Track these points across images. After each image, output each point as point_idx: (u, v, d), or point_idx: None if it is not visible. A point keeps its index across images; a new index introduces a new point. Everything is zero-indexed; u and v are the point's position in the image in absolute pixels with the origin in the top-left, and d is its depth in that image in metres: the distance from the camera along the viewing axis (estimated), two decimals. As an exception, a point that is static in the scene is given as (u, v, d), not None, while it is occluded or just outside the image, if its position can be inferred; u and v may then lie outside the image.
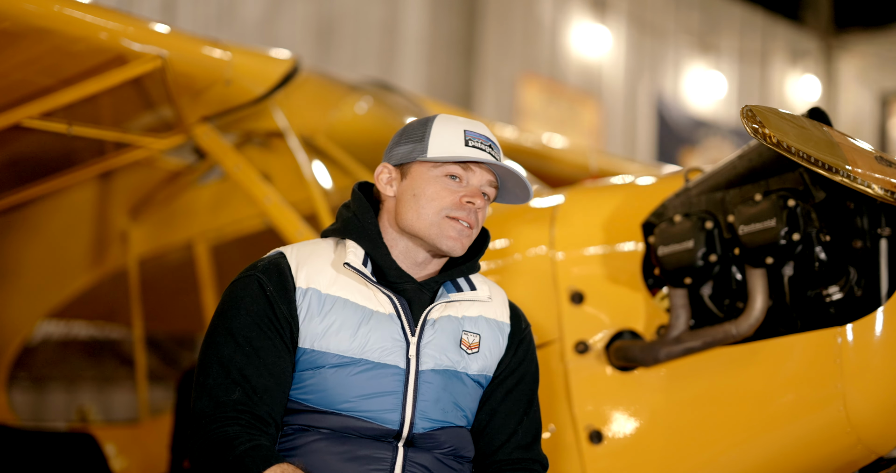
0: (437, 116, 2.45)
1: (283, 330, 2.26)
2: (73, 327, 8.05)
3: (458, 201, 2.35)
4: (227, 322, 2.27)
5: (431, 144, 2.37)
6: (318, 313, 2.27)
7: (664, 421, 3.04)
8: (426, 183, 2.36)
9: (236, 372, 2.22)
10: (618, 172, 5.69)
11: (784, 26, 18.68)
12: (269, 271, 2.31)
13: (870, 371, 2.76)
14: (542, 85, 13.81)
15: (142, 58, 3.70)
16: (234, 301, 2.30)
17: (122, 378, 8.15)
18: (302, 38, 10.56)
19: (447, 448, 2.34)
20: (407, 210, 2.37)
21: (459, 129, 2.39)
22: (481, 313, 2.44)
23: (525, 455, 2.44)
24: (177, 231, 5.51)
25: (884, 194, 2.48)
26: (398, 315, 2.32)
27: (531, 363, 2.51)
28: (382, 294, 2.33)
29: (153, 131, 4.36)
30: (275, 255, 2.36)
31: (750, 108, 2.52)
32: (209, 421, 2.19)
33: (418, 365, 2.31)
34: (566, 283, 3.18)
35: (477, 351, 2.40)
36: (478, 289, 2.45)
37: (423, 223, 2.35)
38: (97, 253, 5.61)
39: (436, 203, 2.35)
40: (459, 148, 2.36)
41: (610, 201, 3.30)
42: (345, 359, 2.26)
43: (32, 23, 3.35)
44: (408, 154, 2.39)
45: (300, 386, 2.28)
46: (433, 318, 2.36)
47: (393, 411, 2.27)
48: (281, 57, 4.33)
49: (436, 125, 2.40)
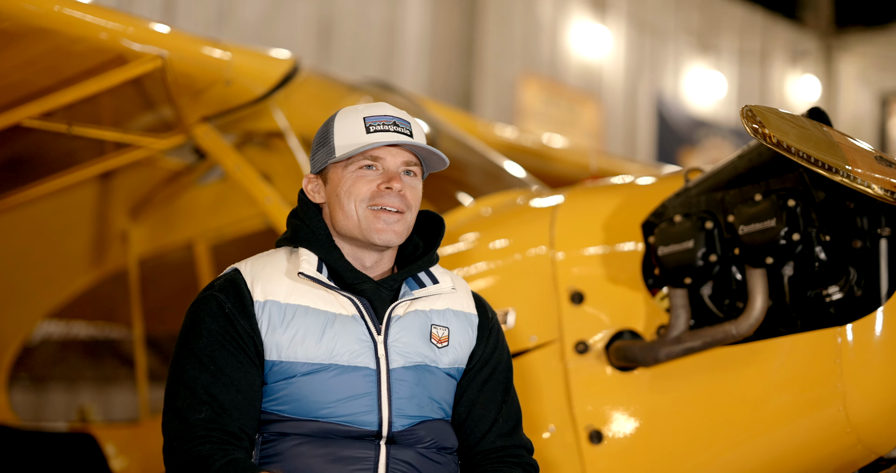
0: (337, 112, 2.44)
1: (245, 345, 2.27)
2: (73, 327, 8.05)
3: (376, 188, 2.35)
4: (190, 344, 2.29)
5: (337, 143, 2.38)
6: (280, 323, 2.28)
7: (664, 421, 3.04)
8: (342, 181, 2.37)
9: (202, 392, 2.23)
10: (618, 173, 5.69)
11: (784, 26, 18.67)
12: (225, 289, 2.33)
13: (870, 371, 2.76)
14: (542, 85, 13.81)
15: (142, 58, 3.70)
16: (194, 322, 2.31)
17: (122, 378, 8.15)
18: (302, 38, 10.56)
19: (428, 441, 2.34)
20: (336, 213, 2.39)
21: (358, 118, 2.38)
22: (448, 305, 2.44)
23: (508, 442, 2.45)
24: (177, 231, 5.51)
25: (884, 194, 2.48)
26: (361, 316, 2.32)
27: (503, 352, 2.52)
28: (343, 297, 2.33)
29: (153, 131, 4.36)
30: (230, 272, 2.38)
31: (750, 108, 2.52)
32: (181, 442, 2.21)
33: (388, 364, 2.31)
34: (566, 283, 3.18)
35: (447, 345, 2.40)
36: (440, 282, 2.45)
37: (352, 222, 2.36)
38: (97, 253, 5.61)
39: (354, 196, 2.35)
40: (362, 137, 2.35)
41: (610, 201, 3.29)
42: (314, 366, 2.27)
43: (32, 23, 3.35)
44: (322, 160, 2.41)
45: (273, 398, 2.29)
46: (398, 315, 2.36)
47: (369, 412, 2.28)
48: (281, 57, 4.33)
49: (336, 123, 2.40)
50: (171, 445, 2.22)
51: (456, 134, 5.19)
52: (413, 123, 2.43)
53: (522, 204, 3.72)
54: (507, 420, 2.46)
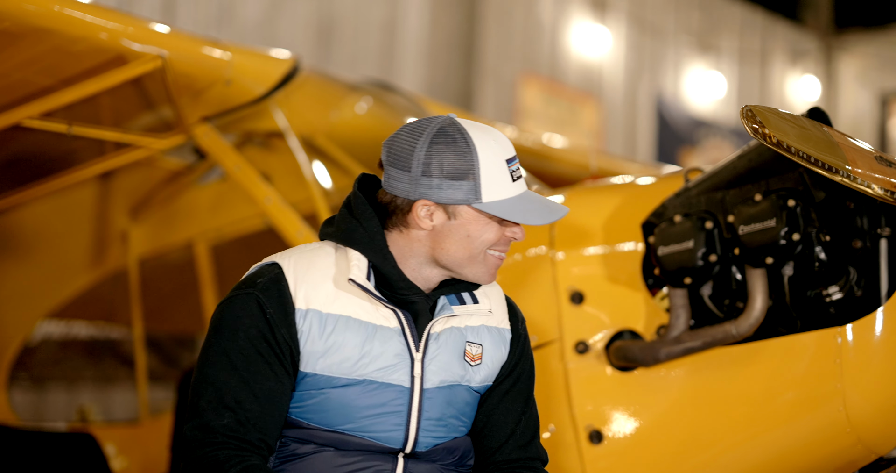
0: (475, 136, 2.24)
1: (282, 355, 2.20)
2: (73, 327, 8.06)
3: (504, 236, 2.29)
4: (224, 343, 2.20)
5: (483, 184, 2.23)
6: (319, 335, 2.21)
7: (664, 421, 3.04)
8: (476, 224, 2.27)
9: (229, 397, 2.16)
10: (618, 173, 5.68)
11: (784, 26, 18.68)
12: (268, 291, 2.22)
13: (870, 371, 2.76)
14: (542, 85, 13.81)
15: (142, 58, 3.70)
16: (231, 321, 2.22)
17: (122, 378, 8.15)
18: (302, 38, 10.56)
19: (449, 461, 2.32)
20: (450, 246, 2.27)
21: (501, 159, 2.25)
22: (484, 322, 2.38)
23: (524, 454, 2.41)
24: (177, 231, 5.51)
25: (884, 194, 2.48)
26: (402, 330, 2.26)
27: (527, 361, 2.47)
28: (387, 308, 2.26)
29: (153, 131, 4.36)
30: (272, 269, 2.26)
31: (750, 108, 2.52)
32: (199, 446, 2.15)
33: (423, 383, 2.26)
34: (566, 283, 3.18)
35: (480, 363, 2.35)
36: (480, 303, 2.38)
37: (463, 259, 2.27)
38: (97, 253, 5.61)
39: (485, 243, 2.27)
40: (509, 187, 2.25)
41: (610, 201, 3.29)
42: (350, 380, 2.21)
43: (32, 23, 3.35)
44: (457, 197, 2.24)
45: (301, 405, 2.23)
46: (436, 332, 2.30)
47: (396, 430, 2.24)
48: (281, 57, 4.33)
49: (481, 157, 2.23)
50: (189, 446, 2.17)
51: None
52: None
53: (522, 204, 3.71)
54: (525, 432, 2.43)
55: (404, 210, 2.27)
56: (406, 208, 2.26)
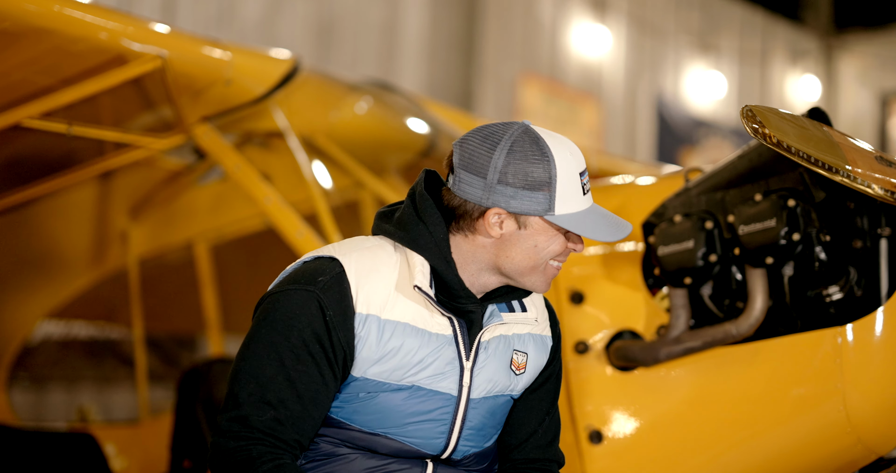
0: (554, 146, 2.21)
1: (335, 359, 2.15)
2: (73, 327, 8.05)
3: (566, 248, 2.26)
4: (275, 338, 2.14)
5: (558, 196, 2.20)
6: (376, 341, 2.17)
7: (664, 421, 3.04)
8: (545, 238, 2.24)
9: (273, 395, 2.12)
10: (618, 172, 5.69)
11: (784, 26, 18.67)
12: (330, 291, 2.16)
13: (870, 371, 2.76)
14: (542, 85, 13.81)
15: (142, 58, 3.70)
16: (287, 317, 2.15)
17: (122, 378, 8.14)
18: (302, 38, 10.56)
19: (479, 467, 2.32)
20: (516, 255, 2.23)
21: (576, 173, 2.22)
22: (530, 331, 2.37)
23: (543, 455, 2.40)
24: (177, 231, 5.51)
25: (884, 194, 2.48)
26: (455, 339, 2.23)
27: (558, 363, 2.45)
28: (443, 316, 2.23)
29: (153, 131, 4.36)
30: (334, 269, 2.19)
31: (750, 108, 2.52)
32: (234, 438, 2.12)
33: (470, 393, 2.25)
34: (566, 283, 3.18)
35: (524, 371, 2.34)
36: (528, 311, 2.36)
37: (524, 268, 2.25)
38: (97, 253, 5.61)
39: (550, 253, 2.24)
40: (580, 200, 2.22)
41: (610, 201, 3.29)
42: (399, 386, 2.19)
43: (32, 23, 3.35)
44: (534, 208, 2.21)
45: (343, 406, 2.21)
46: (486, 340, 2.27)
47: (438, 438, 2.23)
48: (281, 57, 4.33)
49: (559, 169, 2.20)
50: (224, 436, 2.13)
51: (456, 134, 5.18)
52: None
53: (522, 204, 3.71)
54: (547, 433, 2.41)
55: (474, 216, 2.22)
56: (476, 215, 2.22)
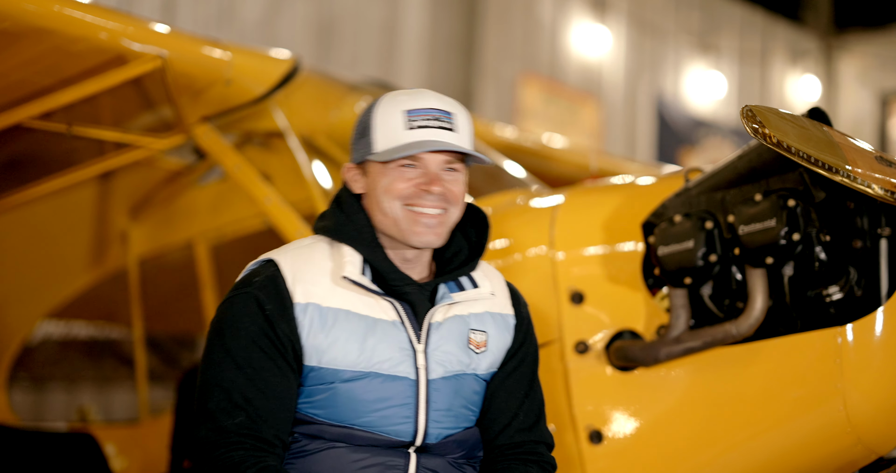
0: (380, 99, 2.31)
1: (284, 350, 2.19)
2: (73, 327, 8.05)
3: (415, 188, 2.25)
4: (226, 344, 2.20)
5: (376, 138, 2.26)
6: (321, 328, 2.20)
7: (664, 421, 3.04)
8: (381, 178, 2.26)
9: (238, 396, 2.16)
10: (618, 172, 5.69)
11: (784, 26, 18.68)
12: (265, 288, 2.22)
13: (870, 371, 2.76)
14: (542, 85, 13.81)
15: (142, 58, 3.70)
16: (231, 321, 2.21)
17: (122, 378, 8.15)
18: (302, 38, 10.56)
19: (459, 453, 2.31)
20: (373, 209, 2.29)
21: (399, 110, 2.25)
22: (487, 308, 2.37)
23: (527, 437, 2.39)
24: (177, 231, 5.51)
25: (884, 194, 2.48)
26: (402, 322, 2.25)
27: (531, 344, 2.45)
28: (385, 301, 2.26)
29: (153, 131, 4.36)
30: (269, 267, 2.26)
31: (750, 108, 2.52)
32: (213, 447, 2.14)
33: (428, 374, 2.25)
34: (566, 283, 3.18)
35: (485, 350, 2.34)
36: (480, 286, 2.36)
37: (389, 220, 2.26)
38: (97, 253, 5.61)
39: (392, 194, 2.25)
40: (402, 134, 2.23)
41: (610, 201, 3.29)
42: (355, 374, 2.20)
43: (32, 23, 3.35)
44: (361, 152, 2.30)
45: (309, 401, 2.23)
46: (437, 321, 2.29)
47: (405, 423, 2.23)
48: (281, 57, 4.33)
49: (377, 114, 2.27)
50: (203, 449, 2.16)
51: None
52: (457, 114, 2.29)
53: (522, 204, 3.72)
54: (529, 415, 2.40)
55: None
56: None
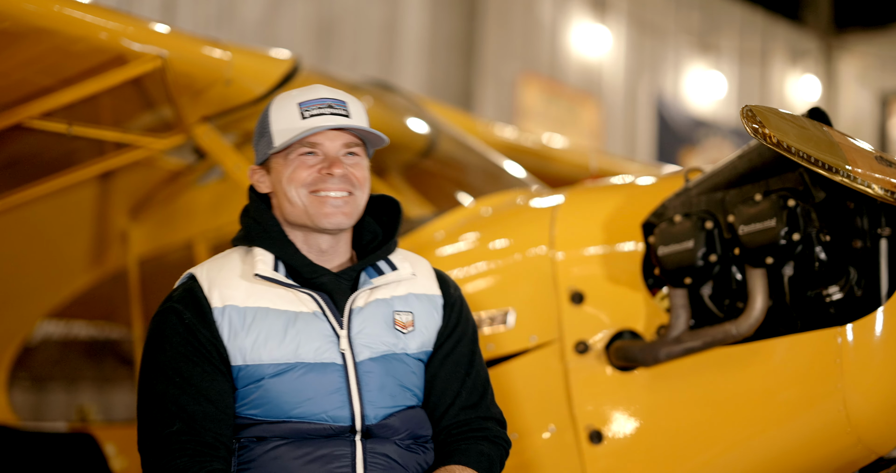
0: (274, 100, 2.42)
1: (209, 354, 2.26)
2: (73, 327, 8.04)
3: (318, 173, 2.34)
4: (154, 358, 2.29)
5: (274, 133, 2.36)
6: (241, 328, 2.27)
7: (664, 421, 3.04)
8: (284, 170, 2.36)
9: (172, 405, 2.23)
10: (618, 173, 5.69)
11: (784, 26, 18.68)
12: (183, 299, 2.31)
13: (870, 371, 2.76)
14: (542, 85, 13.81)
15: (142, 58, 3.70)
16: (156, 337, 2.31)
17: (122, 378, 8.14)
18: (302, 38, 10.56)
19: (404, 432, 2.33)
20: (282, 202, 2.38)
21: (293, 104, 2.36)
22: (410, 290, 2.42)
23: (473, 414, 2.42)
24: (177, 231, 5.50)
25: (884, 194, 2.48)
26: (322, 311, 2.31)
27: (466, 325, 2.49)
28: (302, 294, 2.32)
29: (153, 131, 4.36)
30: (186, 280, 2.36)
31: (750, 108, 2.52)
32: (157, 457, 2.21)
33: (354, 357, 2.30)
34: (566, 283, 3.18)
35: (413, 329, 2.38)
36: (399, 268, 2.43)
37: (298, 209, 2.35)
38: (97, 253, 5.61)
39: (296, 183, 2.34)
40: (298, 123, 2.33)
41: (610, 201, 3.29)
42: (281, 367, 2.26)
43: (32, 23, 3.35)
44: (263, 150, 2.40)
45: (245, 402, 2.28)
46: (359, 306, 2.34)
47: (341, 407, 2.27)
48: (281, 57, 4.33)
49: (272, 111, 2.39)
50: (149, 460, 2.23)
51: (456, 134, 5.18)
52: (350, 101, 2.40)
53: (522, 204, 3.72)
54: (472, 393, 2.43)
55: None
56: None
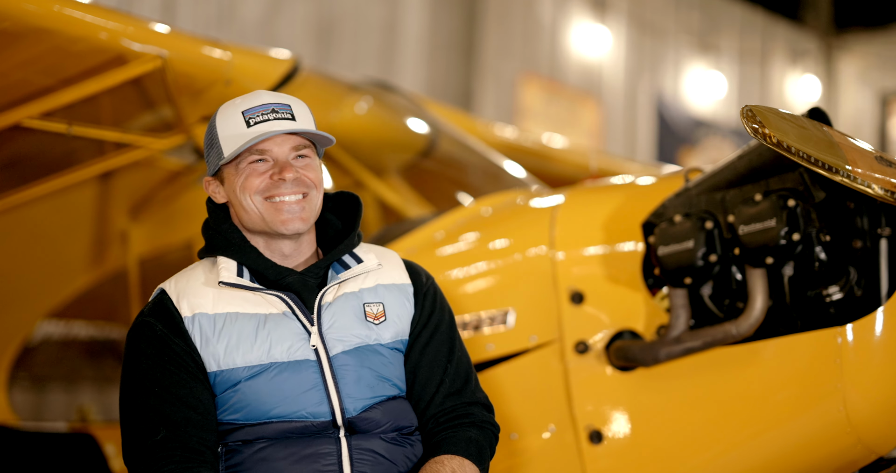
0: (218, 110, 2.42)
1: (185, 363, 2.29)
2: (73, 327, 8.04)
3: (270, 180, 2.35)
4: (132, 371, 2.32)
5: (222, 144, 2.37)
6: (212, 334, 2.29)
7: (664, 421, 3.04)
8: (236, 179, 2.36)
9: (154, 414, 2.25)
10: (618, 173, 5.69)
11: (784, 26, 18.68)
12: (154, 312, 2.35)
13: (870, 371, 2.76)
14: (542, 85, 13.81)
15: (142, 58, 3.70)
16: (132, 350, 2.34)
17: (122, 379, 8.13)
18: (302, 38, 10.56)
19: (386, 423, 2.33)
20: (238, 210, 2.39)
21: (237, 113, 2.37)
22: (378, 281, 2.43)
23: (458, 401, 2.43)
24: (177, 231, 5.51)
25: (884, 194, 2.48)
26: (291, 311, 2.32)
27: (442, 313, 2.50)
28: (270, 296, 2.34)
29: (153, 131, 4.36)
30: (157, 294, 2.40)
31: (750, 108, 2.52)
32: (146, 467, 2.22)
33: (328, 352, 2.31)
34: (566, 283, 3.18)
35: (384, 319, 2.39)
36: (364, 260, 2.43)
37: (254, 216, 2.36)
38: (97, 253, 5.61)
39: (249, 190, 2.35)
40: (245, 133, 2.34)
41: (610, 201, 3.29)
42: (255, 368, 2.28)
43: (32, 23, 3.35)
44: (214, 162, 2.41)
45: (225, 408, 2.30)
46: (328, 301, 2.36)
47: (320, 403, 2.28)
48: (281, 57, 4.33)
49: (218, 122, 2.39)
50: (137, 470, 2.24)
51: (456, 134, 5.18)
52: (294, 104, 2.41)
53: (522, 204, 3.72)
54: (455, 379, 2.44)
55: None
56: None
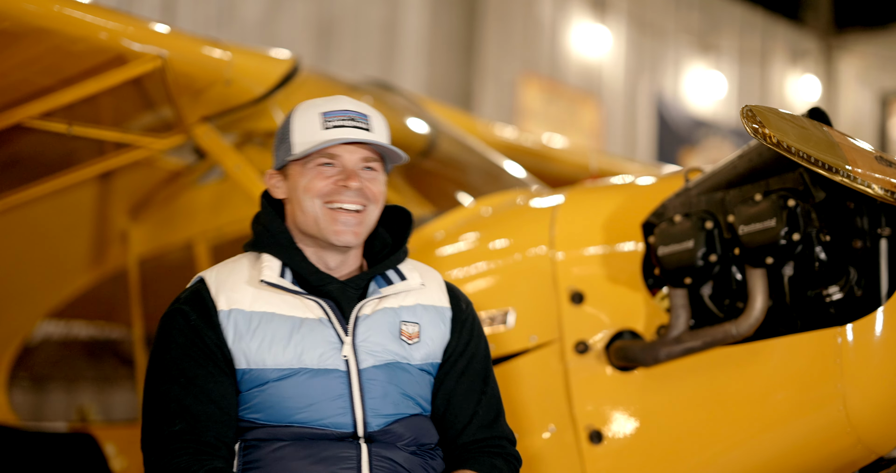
0: (297, 107, 2.42)
1: (214, 356, 2.27)
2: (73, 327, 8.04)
3: (333, 185, 2.34)
4: (159, 358, 2.31)
5: (294, 140, 2.37)
6: (246, 331, 2.28)
7: (664, 421, 3.04)
8: (301, 178, 2.36)
9: (175, 405, 2.24)
10: (618, 173, 5.68)
11: (784, 26, 18.68)
12: (190, 301, 2.33)
13: (870, 371, 2.76)
14: (542, 85, 13.81)
15: (142, 58, 3.70)
16: (163, 337, 2.33)
17: (122, 378, 8.13)
18: (302, 38, 10.56)
19: (408, 438, 2.33)
20: (295, 209, 2.38)
21: (316, 113, 2.37)
22: (418, 301, 2.42)
23: (489, 434, 2.43)
24: (177, 231, 5.50)
25: (884, 194, 2.48)
26: (328, 318, 2.31)
27: (479, 341, 2.50)
28: (309, 300, 2.32)
29: (153, 131, 4.36)
30: (195, 282, 2.38)
31: (750, 108, 2.52)
32: (158, 456, 2.22)
33: (358, 364, 2.30)
34: (566, 283, 3.18)
35: (418, 341, 2.38)
36: (408, 278, 2.43)
37: (310, 219, 2.36)
38: (97, 253, 5.61)
39: (311, 193, 2.35)
40: (318, 133, 2.34)
41: (610, 201, 3.29)
42: (284, 371, 2.26)
43: (32, 23, 3.35)
44: (282, 157, 2.41)
45: (248, 406, 2.29)
46: (365, 314, 2.34)
47: (343, 414, 2.28)
48: (281, 57, 4.33)
49: (294, 119, 2.39)
50: (150, 459, 2.24)
51: (456, 134, 5.18)
52: (372, 116, 2.40)
53: (522, 204, 3.72)
54: (488, 412, 2.45)
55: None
56: None
